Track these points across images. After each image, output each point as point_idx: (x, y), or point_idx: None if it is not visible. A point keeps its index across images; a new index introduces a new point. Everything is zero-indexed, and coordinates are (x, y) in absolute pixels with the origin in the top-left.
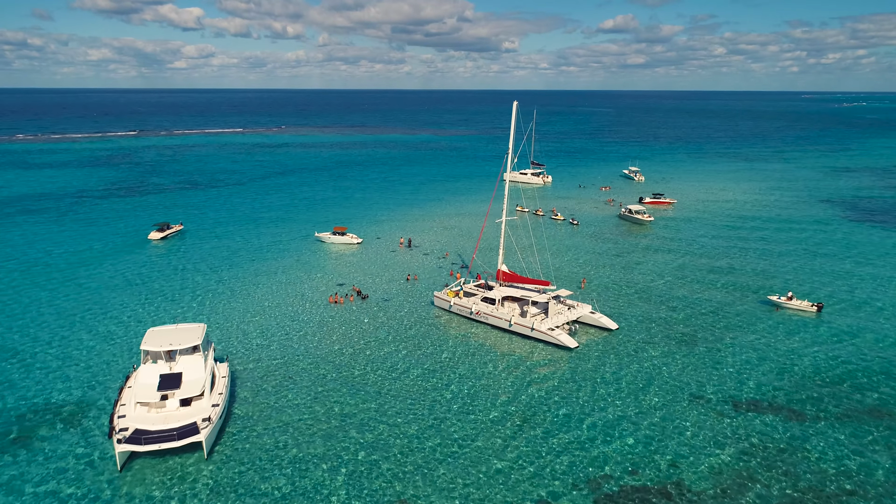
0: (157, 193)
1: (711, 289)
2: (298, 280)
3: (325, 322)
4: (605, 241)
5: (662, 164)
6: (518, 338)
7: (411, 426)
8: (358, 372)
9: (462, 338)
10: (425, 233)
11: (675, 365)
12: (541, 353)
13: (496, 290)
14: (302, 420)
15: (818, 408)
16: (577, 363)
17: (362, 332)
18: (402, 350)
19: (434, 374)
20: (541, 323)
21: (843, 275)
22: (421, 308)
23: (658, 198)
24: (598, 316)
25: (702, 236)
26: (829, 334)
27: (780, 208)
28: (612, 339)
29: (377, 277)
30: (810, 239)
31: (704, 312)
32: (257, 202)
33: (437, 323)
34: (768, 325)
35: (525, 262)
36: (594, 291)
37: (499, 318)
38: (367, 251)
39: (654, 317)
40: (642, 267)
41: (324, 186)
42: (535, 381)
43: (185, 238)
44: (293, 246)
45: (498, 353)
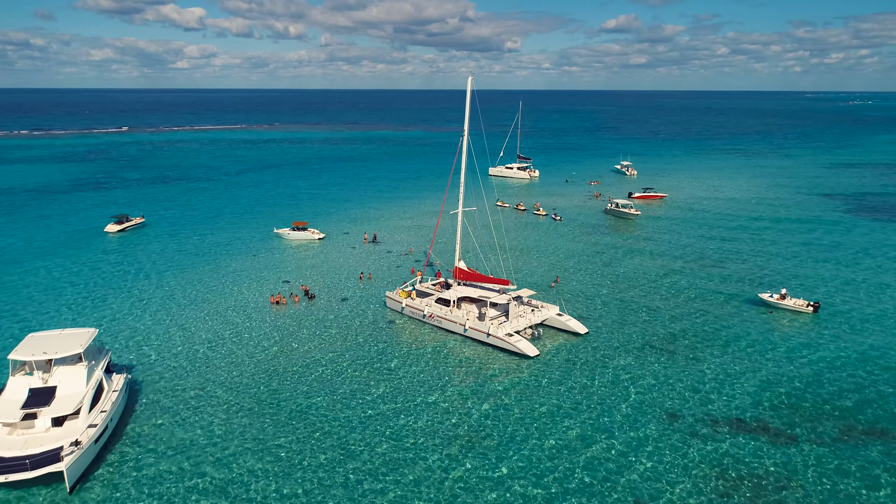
0: (125, 188)
1: (698, 288)
2: (246, 279)
3: (260, 326)
4: (587, 237)
5: (658, 159)
6: (475, 344)
7: (334, 452)
8: (284, 385)
9: (412, 344)
10: (396, 229)
11: (649, 376)
12: (497, 363)
13: (451, 291)
14: (207, 442)
15: (812, 428)
16: (536, 374)
17: (300, 337)
18: (342, 360)
19: (372, 390)
20: (498, 328)
21: (842, 272)
22: (372, 310)
23: (648, 192)
24: (566, 319)
25: (691, 232)
26: (827, 338)
27: (778, 203)
28: (579, 346)
29: (332, 275)
30: (808, 235)
31: (688, 314)
32: (227, 197)
33: (387, 327)
34: (758, 329)
35: (493, 260)
36: (566, 291)
37: (453, 322)
38: (327, 247)
39: (631, 319)
40: (623, 264)
41: (300, 182)
42: (488, 396)
43: (144, 231)
44: (251, 242)
45: (450, 362)
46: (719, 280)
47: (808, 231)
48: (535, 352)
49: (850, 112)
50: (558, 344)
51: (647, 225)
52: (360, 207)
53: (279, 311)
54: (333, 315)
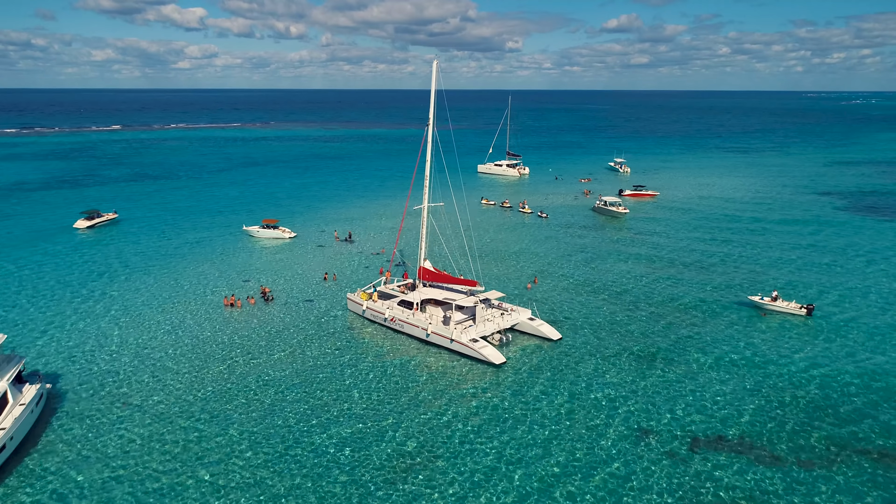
0: (102, 185)
1: (685, 290)
2: (205, 279)
3: (208, 331)
4: (571, 236)
5: (654, 157)
6: (438, 351)
7: (263, 472)
8: (219, 401)
9: (371, 351)
10: (373, 227)
11: (624, 387)
12: (460, 371)
13: (415, 292)
14: (127, 459)
15: (800, 447)
16: (500, 384)
17: (250, 342)
18: (291, 368)
19: (320, 403)
20: (462, 333)
21: (839, 273)
22: (332, 313)
23: (639, 190)
24: (538, 323)
25: (681, 232)
26: (820, 344)
27: (775, 201)
28: (550, 353)
29: (296, 275)
30: (805, 234)
31: (672, 318)
32: (204, 195)
33: (345, 333)
34: (747, 334)
35: (463, 260)
36: (543, 293)
37: (414, 327)
38: (297, 246)
39: (610, 324)
40: (607, 265)
41: (282, 179)
42: (445, 409)
43: (114, 228)
44: (219, 241)
45: (410, 371)
46: (708, 282)
47: (805, 231)
48: (502, 359)
49: (852, 111)
50: (528, 350)
51: (636, 224)
52: (340, 205)
53: (232, 315)
54: (289, 319)
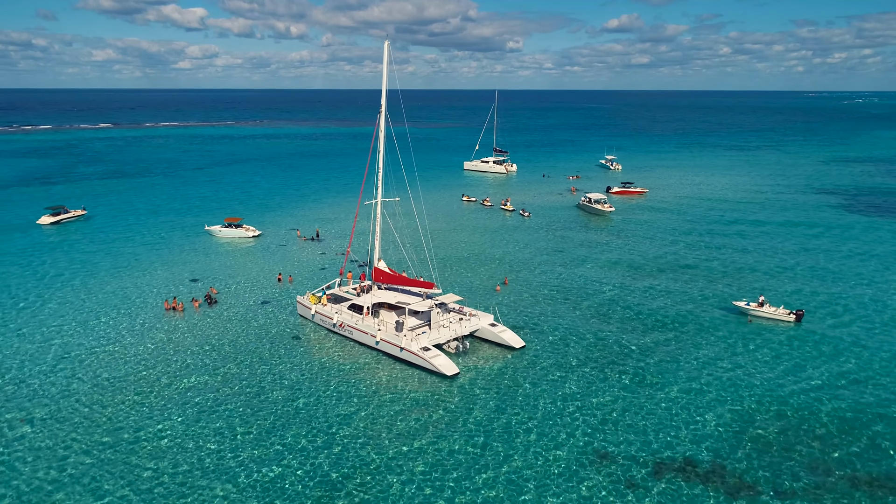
0: (75, 182)
1: (667, 294)
2: (154, 280)
3: (142, 337)
4: (552, 234)
5: (648, 154)
6: (389, 361)
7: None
8: (132, 412)
9: (315, 361)
10: (345, 226)
11: (588, 402)
12: (408, 384)
13: (365, 296)
14: (18, 484)
15: (782, 473)
16: (450, 399)
17: (182, 350)
18: (220, 379)
19: (242, 422)
20: (413, 340)
21: (832, 274)
22: (280, 317)
23: (627, 187)
24: (500, 330)
25: (668, 230)
26: (810, 355)
27: (769, 200)
28: (510, 363)
29: (251, 276)
30: (798, 234)
31: (650, 325)
32: (178, 192)
33: (290, 341)
34: (729, 343)
35: (418, 261)
36: (512, 295)
37: (364, 333)
38: (260, 246)
39: (580, 331)
40: (585, 265)
41: (263, 177)
42: (385, 429)
43: (79, 225)
44: (180, 241)
45: (353, 384)
46: (691, 285)
47: (798, 231)
48: (454, 370)
49: (853, 109)
50: (486, 360)
51: (621, 222)
52: (315, 203)
53: (171, 319)
54: (232, 324)
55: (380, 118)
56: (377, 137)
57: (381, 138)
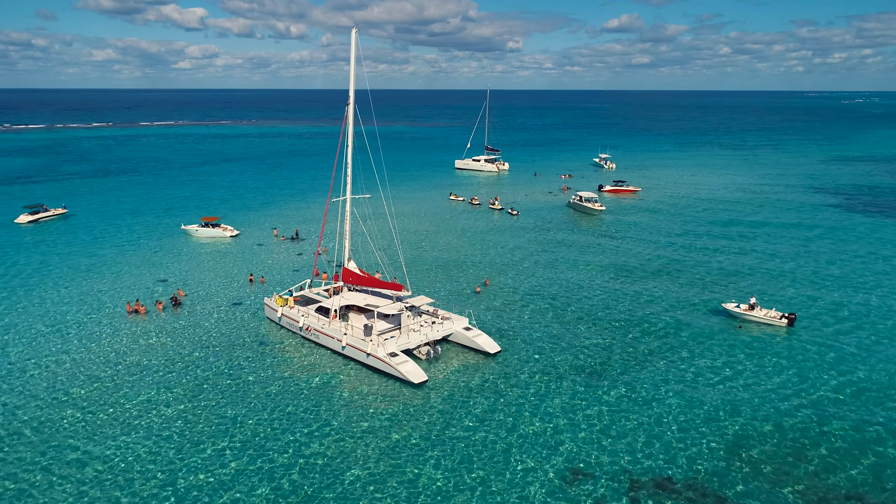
0: (58, 181)
1: (653, 296)
2: (122, 281)
3: (99, 343)
4: (539, 234)
5: (645, 153)
6: (356, 368)
7: None
8: (88, 432)
9: (279, 368)
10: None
11: (563, 413)
12: (374, 392)
13: (333, 298)
14: None
15: (768, 495)
16: (417, 409)
17: (139, 358)
18: (176, 389)
19: (191, 437)
20: (380, 346)
21: (829, 275)
22: (247, 321)
23: (620, 185)
24: (475, 334)
25: (659, 230)
26: (802, 362)
27: (765, 199)
28: (483, 370)
29: (223, 277)
30: (795, 233)
31: (635, 329)
32: (161, 191)
33: (256, 345)
34: (717, 349)
35: (389, 261)
36: (493, 297)
37: (330, 338)
38: (236, 245)
39: (561, 335)
40: (570, 266)
41: (250, 175)
42: (353, 445)
43: (57, 224)
44: (156, 240)
45: (315, 393)
46: (681, 288)
47: (795, 230)
48: (423, 378)
49: (853, 109)
50: (458, 366)
51: (611, 221)
52: (298, 202)
53: (133, 323)
54: (195, 328)
55: (348, 111)
56: (345, 131)
57: (350, 132)
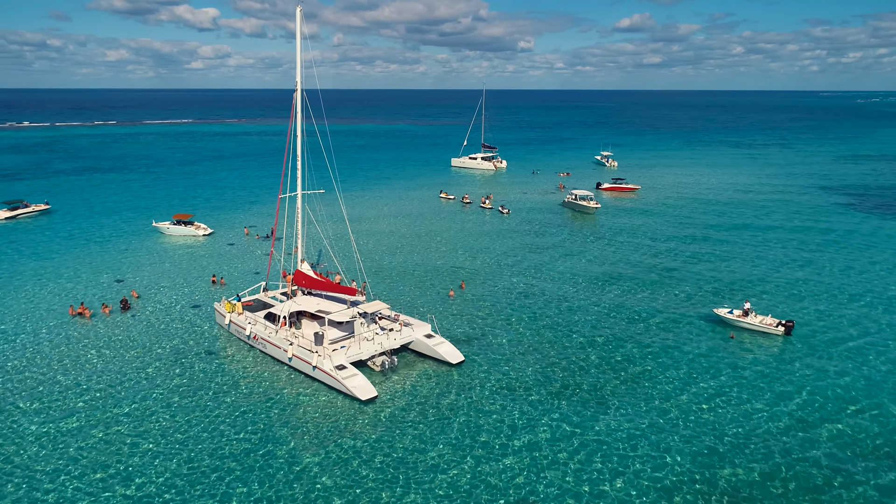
0: (45, 178)
1: (642, 302)
2: (77, 282)
3: (35, 349)
4: (528, 233)
5: (650, 151)
6: (305, 380)
7: None
8: None
9: (224, 380)
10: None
11: (533, 435)
12: (317, 412)
13: (284, 304)
14: None
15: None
16: (360, 430)
17: (71, 368)
18: (105, 406)
19: (102, 468)
20: (326, 357)
21: (832, 278)
22: (201, 326)
23: (618, 183)
24: (437, 342)
25: (656, 231)
26: (800, 376)
27: (770, 198)
28: (442, 382)
29: (184, 278)
30: (798, 234)
31: (618, 338)
32: (147, 188)
33: (201, 355)
34: (706, 360)
35: (346, 261)
36: (466, 301)
37: (277, 347)
38: (207, 244)
39: (534, 344)
40: (556, 268)
41: (240, 173)
42: (286, 476)
43: (37, 220)
44: (127, 239)
45: (251, 414)
46: (675, 294)
47: (800, 230)
48: (372, 393)
49: (867, 108)
50: (414, 379)
51: (605, 221)
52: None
53: (75, 327)
54: (142, 334)
55: (296, 97)
56: (296, 120)
57: (299, 122)
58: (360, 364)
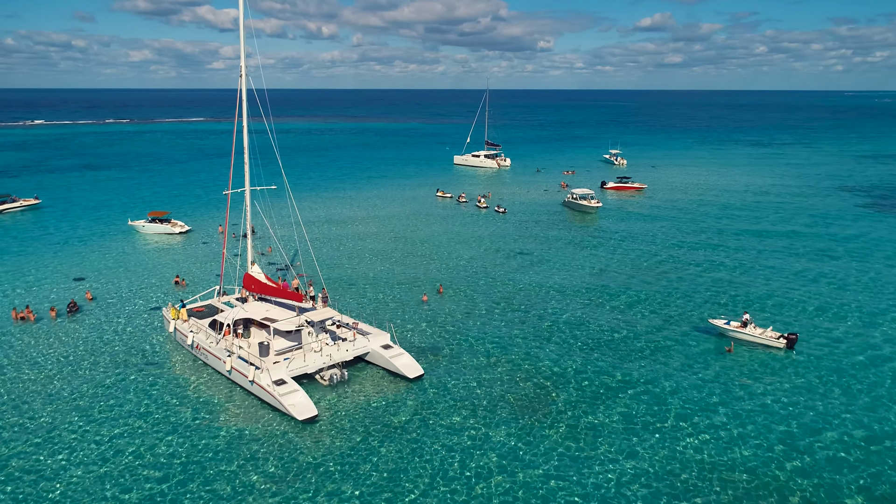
0: (42, 174)
1: (637, 312)
2: (37, 282)
3: None
4: (521, 234)
5: (662, 149)
6: (247, 396)
7: None
8: None
9: (159, 397)
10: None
11: (473, 463)
12: (254, 429)
13: (229, 311)
14: None
15: None
16: (295, 458)
17: (4, 377)
18: (22, 423)
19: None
20: (265, 371)
21: (848, 292)
22: (150, 333)
23: (624, 181)
24: (394, 354)
25: (659, 233)
26: (803, 398)
27: (787, 199)
28: (394, 401)
29: (147, 278)
30: (810, 238)
31: (595, 351)
32: (140, 186)
33: (146, 364)
34: (696, 376)
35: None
36: (441, 308)
37: (217, 358)
38: (181, 242)
39: (506, 357)
40: (546, 272)
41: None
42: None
43: (23, 215)
44: (102, 237)
45: (179, 439)
46: (666, 301)
47: (812, 234)
48: (310, 413)
49: (893, 107)
50: (366, 395)
51: (605, 221)
52: (272, 198)
53: (15, 332)
54: (83, 340)
55: (240, 83)
56: (241, 108)
57: (245, 107)
58: (306, 378)
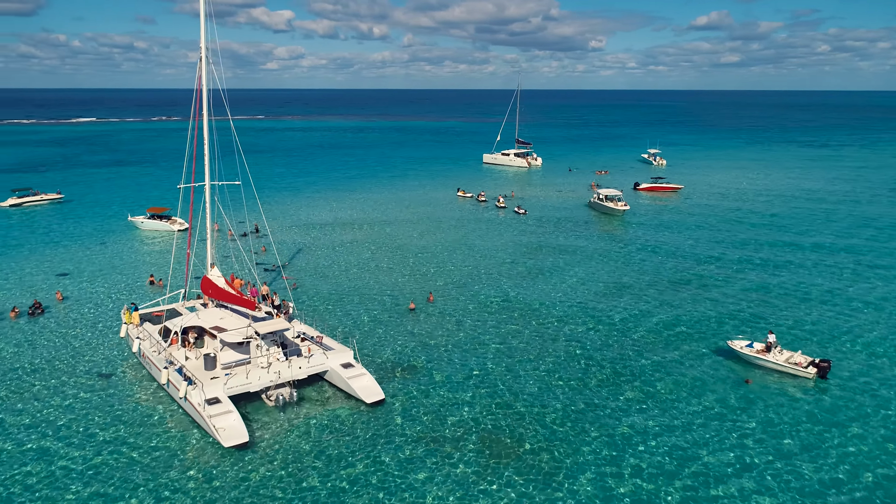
0: (68, 169)
1: (641, 328)
2: (20, 281)
3: None
4: (536, 238)
5: (707, 149)
6: (185, 414)
7: None
8: None
9: (98, 412)
10: (296, 224)
11: None
12: (180, 456)
13: (178, 318)
14: None
15: None
16: (209, 491)
17: None
18: None
19: None
20: (199, 388)
21: (884, 309)
22: (112, 338)
23: (659, 182)
24: (354, 374)
25: (689, 237)
26: (837, 440)
27: (836, 206)
28: (343, 430)
29: (129, 277)
30: (856, 250)
31: (592, 377)
32: (159, 182)
33: (98, 374)
34: (710, 412)
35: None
36: (426, 318)
37: (158, 370)
38: (178, 240)
39: (487, 379)
40: (554, 279)
41: (255, 168)
42: None
43: (43, 209)
44: (101, 233)
45: (104, 467)
46: (684, 317)
47: (859, 242)
48: (241, 439)
49: None
50: (313, 420)
51: (632, 224)
52: (282, 196)
53: None
54: (37, 346)
55: (200, 66)
56: (200, 95)
57: (205, 98)
58: (251, 397)
